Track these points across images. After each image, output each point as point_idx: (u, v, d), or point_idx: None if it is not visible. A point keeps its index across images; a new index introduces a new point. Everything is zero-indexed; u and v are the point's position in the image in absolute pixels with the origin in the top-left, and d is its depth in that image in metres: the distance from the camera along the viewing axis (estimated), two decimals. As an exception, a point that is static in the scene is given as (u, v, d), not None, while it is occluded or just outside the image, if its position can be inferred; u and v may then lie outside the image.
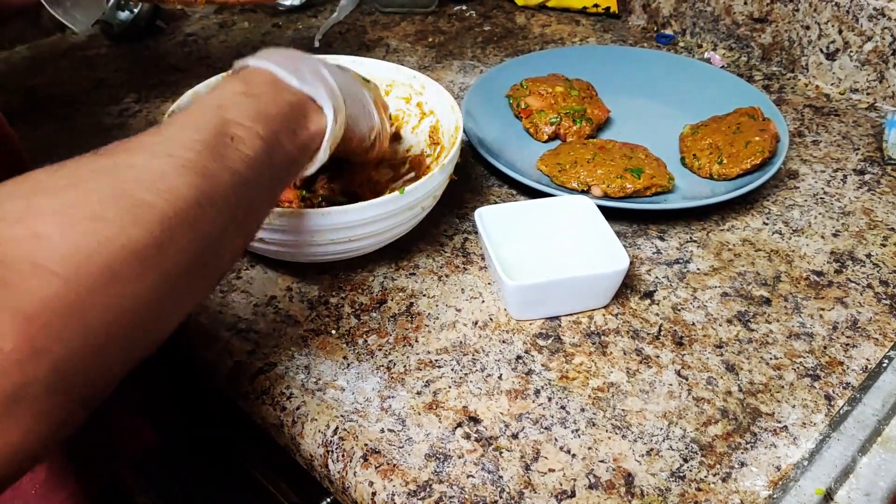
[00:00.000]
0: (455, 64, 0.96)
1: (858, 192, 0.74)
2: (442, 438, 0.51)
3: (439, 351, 0.57)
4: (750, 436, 0.51)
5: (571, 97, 0.80)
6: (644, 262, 0.65)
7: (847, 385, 0.55)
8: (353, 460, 0.50)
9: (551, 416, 0.52)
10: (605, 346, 0.58)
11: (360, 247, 0.59)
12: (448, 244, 0.67)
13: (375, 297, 0.62)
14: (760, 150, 0.71)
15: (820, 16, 0.87)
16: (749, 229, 0.69)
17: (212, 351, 0.58)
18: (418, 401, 0.53)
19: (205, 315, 0.60)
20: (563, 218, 0.64)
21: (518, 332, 0.59)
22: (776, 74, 0.93)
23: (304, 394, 0.54)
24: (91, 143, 0.37)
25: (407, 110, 0.73)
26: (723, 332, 0.59)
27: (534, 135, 0.79)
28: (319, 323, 0.59)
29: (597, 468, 0.49)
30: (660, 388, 0.54)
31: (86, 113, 0.86)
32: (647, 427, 0.52)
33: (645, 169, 0.69)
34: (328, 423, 0.52)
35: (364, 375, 0.55)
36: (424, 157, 0.70)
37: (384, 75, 0.73)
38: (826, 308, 0.61)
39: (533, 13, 1.10)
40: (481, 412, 0.52)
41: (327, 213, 0.55)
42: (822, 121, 0.85)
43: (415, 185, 0.57)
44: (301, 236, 0.56)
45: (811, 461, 0.50)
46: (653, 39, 1.02)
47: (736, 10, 0.95)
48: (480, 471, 0.49)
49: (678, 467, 0.49)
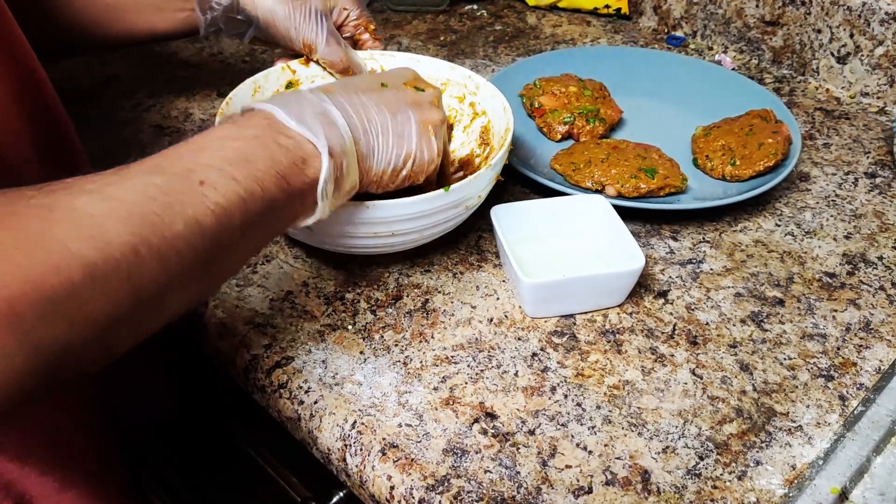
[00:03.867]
0: (467, 63, 0.97)
1: (870, 195, 0.74)
2: (459, 434, 0.51)
3: (455, 347, 0.57)
4: (765, 435, 0.52)
5: (584, 97, 0.80)
6: (658, 262, 0.66)
7: (861, 386, 0.55)
8: (371, 454, 0.50)
9: (567, 412, 0.53)
10: (619, 345, 0.58)
11: (402, 242, 0.59)
12: (462, 241, 0.67)
13: (391, 293, 0.62)
14: (773, 151, 0.71)
15: (831, 19, 0.88)
16: (761, 230, 0.70)
17: (229, 344, 0.58)
18: (435, 396, 0.53)
19: (222, 308, 0.60)
20: (578, 216, 0.65)
21: (533, 329, 0.59)
22: (787, 77, 0.94)
23: (322, 388, 0.54)
24: (105, 137, 0.37)
25: (460, 109, 0.73)
26: (736, 332, 0.59)
27: (547, 134, 0.80)
28: (336, 318, 0.59)
29: (613, 465, 0.50)
30: (675, 386, 0.55)
31: (98, 107, 0.86)
32: (662, 425, 0.52)
33: (658, 169, 0.69)
34: (346, 418, 0.52)
35: (381, 370, 0.55)
36: (474, 157, 0.70)
37: (440, 74, 0.73)
38: (839, 309, 0.61)
39: (544, 13, 1.10)
40: (498, 408, 0.53)
41: (372, 206, 0.54)
42: (832, 124, 0.85)
43: (460, 184, 0.57)
44: (343, 227, 0.56)
45: (826, 460, 0.50)
46: (663, 41, 1.03)
47: (747, 12, 0.95)
48: (498, 466, 0.49)
49: (694, 465, 0.50)
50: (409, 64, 0.73)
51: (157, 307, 0.38)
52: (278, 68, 0.70)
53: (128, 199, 0.36)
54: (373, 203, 0.55)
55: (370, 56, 0.74)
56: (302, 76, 0.72)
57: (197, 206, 0.38)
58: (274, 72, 0.70)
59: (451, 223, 0.61)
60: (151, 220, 0.36)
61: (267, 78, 0.69)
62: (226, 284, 0.62)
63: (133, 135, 0.81)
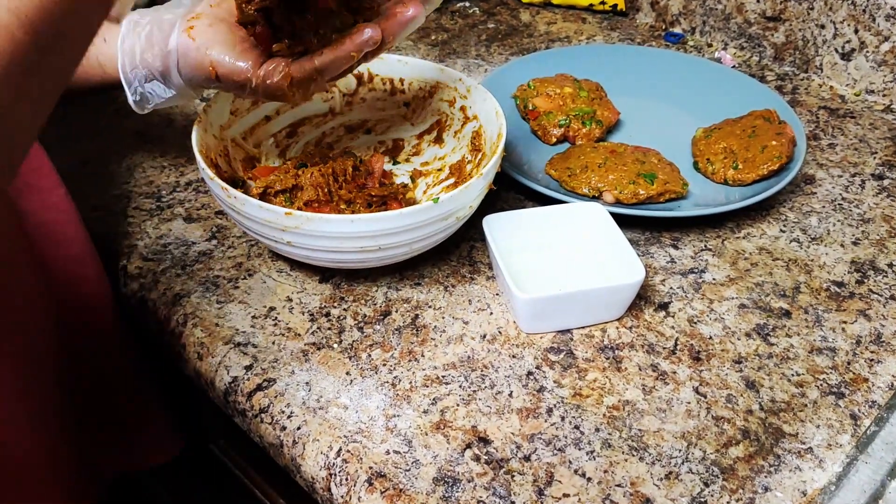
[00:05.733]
0: (459, 63, 0.94)
1: (877, 197, 0.71)
2: (450, 461, 0.48)
3: (446, 366, 0.54)
4: (773, 458, 0.49)
5: (580, 98, 0.77)
6: (658, 272, 0.63)
7: (873, 403, 0.52)
8: (357, 484, 0.47)
9: (565, 436, 0.50)
10: (619, 361, 0.55)
11: (390, 256, 0.57)
12: (454, 252, 0.64)
13: (379, 308, 0.59)
14: (778, 154, 0.68)
15: (835, 14, 0.85)
16: (766, 237, 0.67)
17: (208, 366, 0.55)
18: (425, 420, 0.51)
19: (201, 327, 0.57)
20: (574, 226, 0.62)
21: (528, 346, 0.56)
22: (789, 75, 0.91)
23: (306, 412, 0.51)
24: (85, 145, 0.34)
25: (450, 113, 0.70)
26: (741, 347, 0.56)
27: (542, 137, 0.77)
28: (321, 336, 0.57)
29: (613, 493, 0.47)
30: (677, 406, 0.52)
31: (80, 115, 0.83)
32: (665, 448, 0.49)
33: (658, 174, 0.66)
34: (331, 444, 0.49)
35: (368, 392, 0.52)
36: (465, 163, 0.67)
37: (428, 76, 0.70)
38: (848, 321, 0.59)
39: (538, 10, 1.07)
40: (491, 432, 0.50)
41: (357, 219, 0.52)
42: (837, 123, 0.82)
43: (450, 195, 0.54)
44: (328, 241, 0.54)
45: (838, 486, 0.47)
46: (661, 38, 1.00)
47: (748, 7, 0.92)
48: (491, 496, 0.46)
49: (699, 492, 0.47)
50: (398, 66, 0.71)
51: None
52: None
53: None
54: (358, 217, 0.52)
55: None
56: None
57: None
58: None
59: (441, 235, 0.58)
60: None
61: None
62: (205, 301, 0.59)
63: (113, 143, 0.78)
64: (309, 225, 0.53)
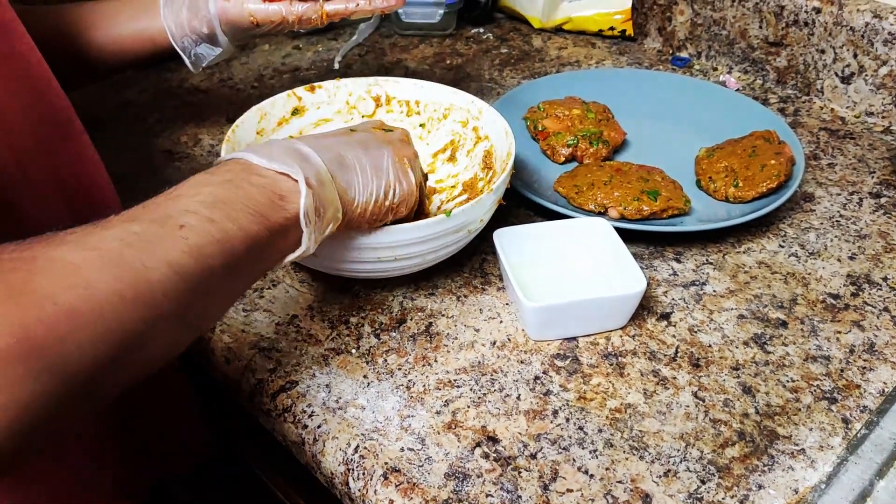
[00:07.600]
0: (472, 86, 0.98)
1: (874, 215, 0.74)
2: (461, 458, 0.51)
3: (458, 371, 0.58)
4: (767, 458, 0.52)
5: (588, 120, 0.81)
6: (660, 284, 0.66)
7: (864, 408, 0.55)
8: (373, 478, 0.50)
9: (569, 436, 0.53)
10: (622, 368, 0.58)
11: (406, 266, 0.60)
12: (466, 264, 0.68)
13: (395, 316, 0.62)
14: (776, 173, 0.71)
15: (835, 40, 0.88)
16: (765, 252, 0.70)
17: (234, 369, 0.59)
18: (437, 420, 0.54)
19: (228, 334, 0.61)
20: (580, 239, 0.65)
21: (536, 352, 0.59)
22: (791, 97, 0.94)
23: (326, 412, 0.55)
24: (115, 163, 0.38)
25: (463, 134, 0.74)
26: (739, 355, 0.59)
27: (551, 157, 0.80)
28: (340, 342, 0.60)
29: (615, 489, 0.50)
30: (677, 409, 0.55)
31: (112, 134, 0.88)
32: (664, 448, 0.52)
33: (661, 191, 0.70)
34: (349, 442, 0.53)
35: (384, 394, 0.56)
36: (477, 180, 0.71)
37: (443, 99, 0.74)
38: (843, 331, 0.61)
39: (549, 36, 1.11)
40: (500, 432, 0.53)
41: (373, 231, 0.56)
42: (837, 144, 0.85)
43: (462, 209, 0.58)
44: (347, 252, 0.57)
45: (829, 484, 0.50)
46: (668, 62, 1.04)
47: (751, 33, 0.96)
48: (499, 490, 0.49)
49: (696, 489, 0.50)
50: (413, 89, 0.75)
51: (141, 353, 0.38)
52: (284, 95, 0.71)
53: (107, 247, 0.36)
54: (376, 229, 0.56)
55: (374, 82, 0.75)
56: (308, 102, 0.73)
57: (176, 250, 0.39)
58: (280, 99, 0.71)
59: (454, 247, 0.62)
60: (132, 265, 0.36)
61: (273, 105, 0.70)
62: (232, 310, 0.63)
63: (143, 161, 0.83)
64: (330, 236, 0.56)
